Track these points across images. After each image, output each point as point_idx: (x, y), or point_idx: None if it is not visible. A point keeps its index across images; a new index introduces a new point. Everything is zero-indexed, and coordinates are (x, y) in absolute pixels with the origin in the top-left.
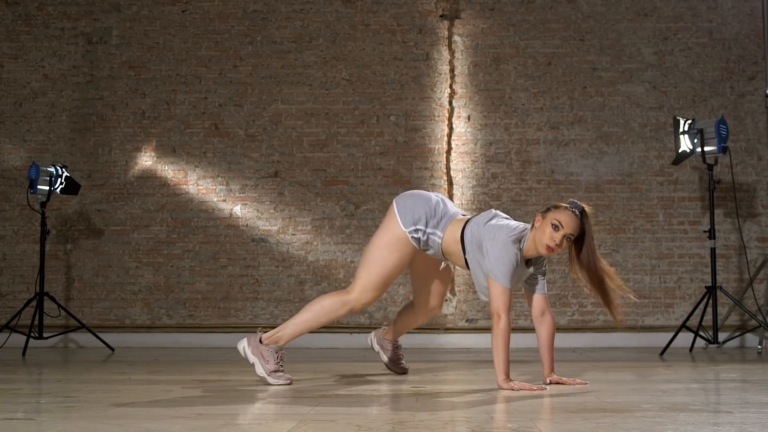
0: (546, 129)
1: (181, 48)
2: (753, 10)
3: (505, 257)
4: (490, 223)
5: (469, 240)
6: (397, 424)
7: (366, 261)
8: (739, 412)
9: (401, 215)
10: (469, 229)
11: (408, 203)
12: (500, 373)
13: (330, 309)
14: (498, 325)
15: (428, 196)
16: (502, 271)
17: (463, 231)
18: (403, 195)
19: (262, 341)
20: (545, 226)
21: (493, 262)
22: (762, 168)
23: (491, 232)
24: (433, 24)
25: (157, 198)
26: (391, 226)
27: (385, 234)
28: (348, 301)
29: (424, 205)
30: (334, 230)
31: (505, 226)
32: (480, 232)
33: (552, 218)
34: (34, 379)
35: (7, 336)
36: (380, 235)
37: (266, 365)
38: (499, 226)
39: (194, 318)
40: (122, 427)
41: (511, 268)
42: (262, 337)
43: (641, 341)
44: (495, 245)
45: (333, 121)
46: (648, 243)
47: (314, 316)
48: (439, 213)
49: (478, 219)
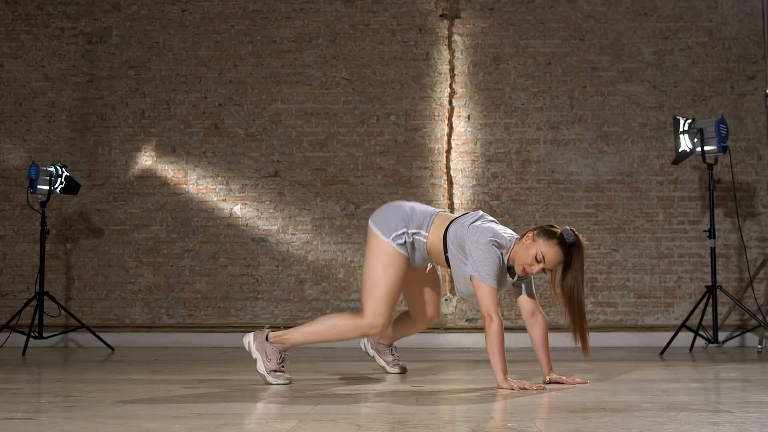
0: (546, 129)
1: (180, 48)
2: (753, 9)
3: (488, 258)
4: (474, 224)
5: (452, 239)
6: (397, 424)
7: (366, 287)
8: (739, 411)
9: (379, 229)
10: (453, 229)
11: (381, 216)
12: (499, 372)
13: (342, 330)
14: (491, 325)
15: (398, 204)
16: (487, 272)
17: (446, 229)
18: (375, 213)
19: (268, 339)
20: (530, 249)
21: (477, 263)
22: (762, 168)
23: (474, 234)
24: (433, 24)
25: (157, 198)
26: (375, 244)
27: (373, 255)
28: (360, 326)
29: (396, 212)
30: (334, 230)
31: (489, 228)
32: (463, 233)
33: (538, 250)
34: (34, 378)
35: (7, 336)
36: (369, 257)
37: (268, 363)
38: (483, 228)
39: (194, 318)
40: (122, 427)
41: (495, 268)
42: (269, 335)
43: (641, 341)
44: (478, 247)
45: (333, 120)
46: (648, 243)
47: (324, 331)
48: (417, 214)
49: (463, 219)
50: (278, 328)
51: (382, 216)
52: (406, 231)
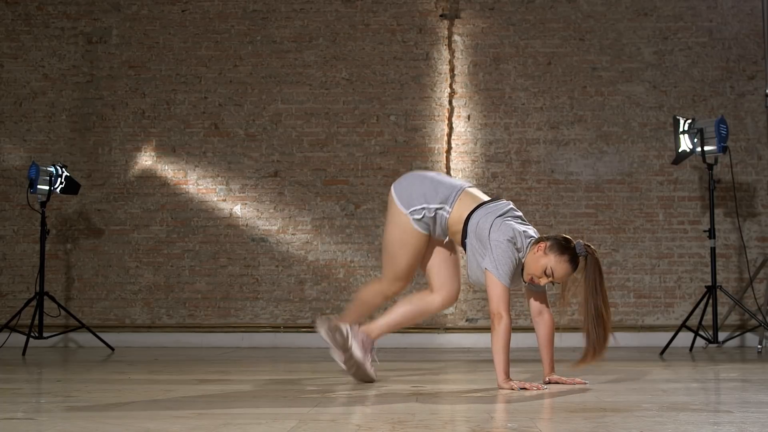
0: (546, 129)
1: (180, 48)
2: (753, 9)
3: (507, 258)
4: (498, 219)
5: (473, 227)
6: (397, 424)
7: (386, 255)
8: (739, 411)
9: (400, 199)
10: (476, 216)
11: (404, 186)
12: (500, 372)
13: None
14: (499, 324)
15: (423, 175)
16: (504, 270)
17: (471, 214)
18: (398, 179)
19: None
20: (540, 261)
21: (495, 260)
22: (762, 168)
23: (497, 231)
24: (433, 24)
25: (157, 198)
26: (394, 213)
27: (391, 228)
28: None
29: (419, 185)
30: (334, 230)
31: (512, 227)
32: (486, 225)
33: (548, 264)
34: (34, 379)
35: (7, 336)
36: (388, 229)
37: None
38: (506, 225)
39: (194, 318)
40: (122, 427)
41: (512, 267)
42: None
43: (641, 341)
44: (499, 245)
45: (333, 120)
46: (648, 243)
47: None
48: (442, 189)
49: (490, 208)
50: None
51: (405, 186)
52: (426, 207)
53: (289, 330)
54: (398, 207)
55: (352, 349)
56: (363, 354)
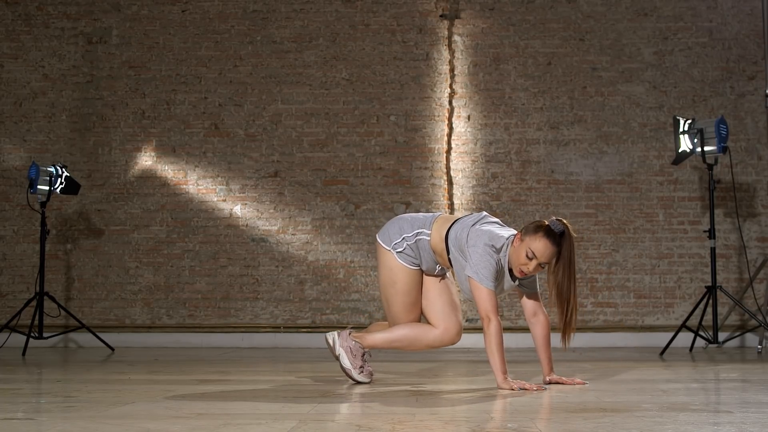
0: (546, 129)
1: (181, 48)
2: (753, 10)
3: (485, 261)
4: (474, 227)
5: (453, 241)
6: (397, 424)
7: (383, 301)
8: (739, 412)
9: (382, 240)
10: (454, 230)
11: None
12: (499, 373)
13: None
14: (489, 326)
15: (399, 216)
16: (484, 275)
17: (449, 230)
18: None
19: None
20: (521, 250)
21: (474, 266)
22: (762, 168)
23: (473, 237)
24: (433, 24)
25: (157, 198)
26: (379, 254)
27: (380, 271)
28: None
29: (396, 223)
30: (334, 230)
31: (487, 232)
32: (463, 234)
33: (527, 246)
34: (34, 379)
35: (7, 336)
36: (379, 273)
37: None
38: (482, 231)
39: (194, 318)
40: (122, 427)
41: (492, 270)
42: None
43: (641, 341)
44: (476, 251)
45: (333, 121)
46: (648, 243)
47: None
48: (418, 219)
49: (466, 220)
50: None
51: (385, 229)
52: (404, 236)
53: (289, 330)
54: (383, 248)
55: (340, 358)
56: (351, 361)
